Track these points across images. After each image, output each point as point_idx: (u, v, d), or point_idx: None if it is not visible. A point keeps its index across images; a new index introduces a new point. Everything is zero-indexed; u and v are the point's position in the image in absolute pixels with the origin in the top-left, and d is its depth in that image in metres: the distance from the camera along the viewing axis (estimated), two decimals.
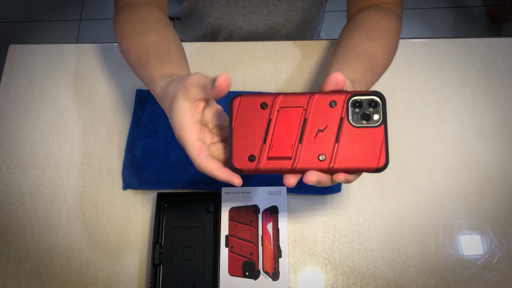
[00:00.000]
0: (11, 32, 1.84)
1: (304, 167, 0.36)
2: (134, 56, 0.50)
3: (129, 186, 0.63)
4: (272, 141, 0.36)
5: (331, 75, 0.36)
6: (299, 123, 0.36)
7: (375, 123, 0.36)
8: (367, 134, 0.35)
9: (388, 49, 0.54)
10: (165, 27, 0.52)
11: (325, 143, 0.36)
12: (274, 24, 0.77)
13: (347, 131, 0.36)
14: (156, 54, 0.47)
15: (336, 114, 0.36)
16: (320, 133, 0.36)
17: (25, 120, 0.69)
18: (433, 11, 1.76)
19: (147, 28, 0.51)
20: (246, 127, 0.36)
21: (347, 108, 0.36)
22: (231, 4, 0.73)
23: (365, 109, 0.36)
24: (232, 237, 0.57)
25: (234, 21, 0.76)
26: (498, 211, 0.62)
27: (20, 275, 0.60)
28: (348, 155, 0.35)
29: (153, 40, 0.49)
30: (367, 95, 0.36)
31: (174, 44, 0.50)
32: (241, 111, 0.37)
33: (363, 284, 0.58)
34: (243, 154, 0.36)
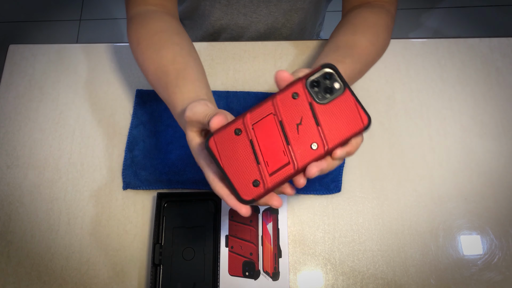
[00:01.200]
0: (11, 32, 1.84)
1: (305, 163, 0.36)
2: (154, 77, 0.51)
3: (129, 186, 0.63)
4: (264, 158, 0.36)
5: (276, 76, 0.37)
6: (278, 129, 0.36)
7: (339, 91, 0.36)
8: (339, 104, 0.36)
9: (375, 41, 0.54)
10: (179, 38, 0.53)
11: (309, 132, 0.36)
12: (274, 23, 0.77)
13: (321, 111, 0.36)
14: (174, 76, 0.48)
15: (303, 103, 0.36)
16: (300, 126, 0.36)
17: (25, 120, 0.69)
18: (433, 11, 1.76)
19: (162, 43, 0.52)
20: (234, 160, 0.36)
21: (309, 92, 0.36)
22: (232, 4, 0.73)
23: (324, 84, 0.36)
24: (232, 237, 0.57)
25: (235, 21, 0.76)
26: (498, 211, 0.62)
27: (20, 275, 0.60)
28: (335, 130, 0.36)
29: (170, 57, 0.50)
30: (318, 71, 0.36)
31: (190, 57, 0.51)
32: (221, 148, 0.36)
33: (363, 284, 0.58)
34: (246, 185, 0.36)
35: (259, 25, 0.77)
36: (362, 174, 0.64)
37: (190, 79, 0.48)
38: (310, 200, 0.63)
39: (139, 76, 0.72)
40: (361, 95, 0.69)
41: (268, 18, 0.75)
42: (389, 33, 0.58)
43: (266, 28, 0.78)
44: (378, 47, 0.55)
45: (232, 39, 0.82)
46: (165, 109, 0.69)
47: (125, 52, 0.74)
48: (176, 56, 0.50)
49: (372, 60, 0.55)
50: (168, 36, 0.53)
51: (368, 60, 0.54)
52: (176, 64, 0.49)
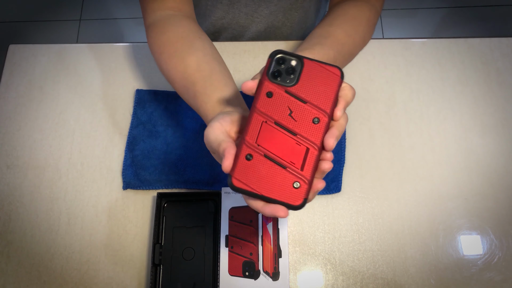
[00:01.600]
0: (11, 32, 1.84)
1: (320, 138, 0.36)
2: (182, 87, 0.51)
3: (129, 186, 0.63)
4: (287, 160, 0.36)
5: (243, 89, 0.38)
6: (278, 129, 0.36)
7: (298, 65, 0.37)
8: (307, 75, 0.37)
9: (352, 33, 0.54)
10: (201, 42, 0.53)
11: (304, 113, 0.36)
12: (275, 22, 0.77)
13: (299, 90, 0.36)
14: (201, 84, 0.49)
15: (280, 95, 0.37)
16: (292, 114, 0.36)
17: (25, 120, 0.69)
18: (433, 11, 1.76)
19: (185, 50, 0.52)
20: (264, 180, 0.36)
21: (277, 83, 0.37)
22: (233, 3, 0.73)
23: (283, 69, 0.37)
24: (232, 237, 0.57)
25: (236, 20, 0.76)
26: (498, 211, 0.62)
27: (20, 275, 0.60)
28: (321, 96, 0.36)
29: (194, 65, 0.50)
30: (270, 63, 0.37)
31: (214, 61, 0.51)
32: (246, 180, 0.36)
33: (363, 284, 0.58)
34: (290, 192, 0.36)
35: (260, 25, 0.77)
36: (362, 174, 0.64)
37: (218, 85, 0.48)
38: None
39: (139, 76, 0.72)
40: (361, 95, 0.69)
41: (269, 17, 0.75)
42: (369, 27, 0.58)
43: (267, 27, 0.78)
44: (356, 39, 0.55)
45: (233, 38, 0.82)
46: (165, 109, 0.69)
47: (125, 52, 0.74)
48: (200, 63, 0.50)
49: (349, 51, 0.55)
50: (190, 42, 0.53)
51: (343, 50, 0.53)
52: (202, 72, 0.49)
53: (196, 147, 0.66)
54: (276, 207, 0.35)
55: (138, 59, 0.73)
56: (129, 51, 0.74)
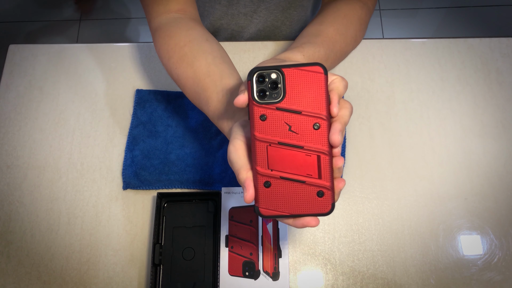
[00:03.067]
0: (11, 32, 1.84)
1: (327, 141, 0.36)
2: (193, 93, 0.51)
3: (129, 186, 0.63)
4: (303, 174, 0.36)
5: (236, 104, 0.37)
6: (284, 148, 0.36)
7: (280, 76, 0.36)
8: (292, 83, 0.36)
9: (343, 31, 0.54)
10: (209, 45, 0.53)
11: (302, 124, 0.36)
12: (274, 22, 0.77)
13: (289, 102, 0.36)
14: (213, 90, 0.48)
15: (273, 114, 0.36)
16: (292, 128, 0.36)
17: (25, 120, 0.69)
18: (433, 11, 1.76)
19: (193, 54, 0.51)
20: (289, 200, 0.36)
21: (266, 103, 0.36)
22: (232, 4, 0.73)
23: (267, 87, 0.36)
24: (232, 237, 0.57)
25: (235, 21, 0.76)
26: (498, 211, 0.62)
27: (20, 275, 0.60)
28: (313, 100, 0.36)
29: (204, 69, 0.50)
30: (251, 84, 0.36)
31: (223, 64, 0.51)
32: (273, 206, 0.37)
33: (363, 284, 0.58)
34: (317, 203, 0.36)
35: (259, 24, 0.77)
36: (362, 174, 0.64)
37: (228, 89, 0.48)
38: None
39: (139, 76, 0.72)
40: (361, 95, 0.69)
41: (268, 17, 0.75)
42: (361, 25, 0.57)
43: (266, 26, 0.78)
44: (347, 37, 0.54)
45: (232, 38, 0.82)
46: (165, 109, 0.69)
47: (125, 52, 0.74)
48: (210, 67, 0.50)
49: (340, 49, 0.54)
50: (198, 45, 0.52)
51: (335, 48, 0.53)
52: (212, 76, 0.49)
53: (196, 147, 0.66)
54: (306, 219, 0.36)
55: (138, 59, 0.73)
56: (129, 51, 0.74)
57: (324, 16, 0.56)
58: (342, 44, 0.54)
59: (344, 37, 0.54)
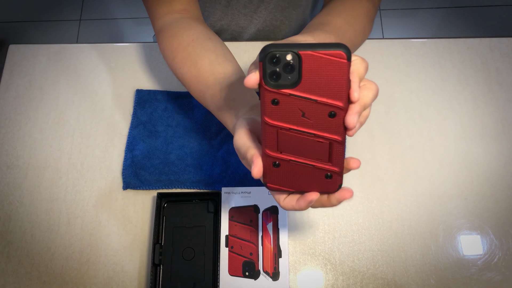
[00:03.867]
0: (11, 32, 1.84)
1: (341, 132, 0.34)
2: (197, 92, 0.51)
3: (129, 186, 0.63)
4: (313, 158, 0.35)
5: (245, 85, 0.34)
6: (296, 134, 0.34)
7: (296, 59, 0.32)
8: (309, 68, 0.32)
9: (352, 22, 0.52)
10: (212, 43, 0.53)
11: (317, 111, 0.33)
12: (273, 21, 0.77)
13: (304, 88, 0.32)
14: (218, 88, 0.48)
15: (286, 99, 0.33)
16: (306, 114, 0.34)
17: (25, 120, 0.69)
18: (433, 11, 1.76)
19: (197, 53, 0.51)
20: (298, 179, 0.36)
21: (279, 87, 0.32)
22: (232, 5, 0.73)
23: (281, 70, 0.32)
24: (232, 237, 0.57)
25: (235, 21, 0.76)
26: (498, 211, 0.62)
27: (20, 275, 0.60)
28: (332, 87, 0.32)
29: (207, 67, 0.50)
30: (263, 66, 0.32)
31: (226, 62, 0.51)
32: (280, 182, 0.37)
33: (363, 284, 0.58)
34: (325, 183, 0.36)
35: (259, 24, 0.77)
36: (362, 174, 0.64)
37: (232, 87, 0.48)
38: None
39: (139, 76, 0.72)
40: None
41: (267, 16, 0.76)
42: (368, 19, 0.56)
43: (265, 26, 0.78)
44: (356, 29, 0.53)
45: (233, 39, 0.82)
46: (165, 109, 0.69)
47: (125, 52, 0.74)
48: (213, 65, 0.50)
49: (350, 39, 0.52)
50: (201, 44, 0.52)
51: (345, 37, 0.51)
52: (216, 74, 0.49)
53: (196, 147, 0.66)
54: (308, 194, 0.36)
55: (138, 59, 0.73)
56: (129, 51, 0.74)
57: (331, 7, 0.55)
58: (351, 35, 0.52)
59: (353, 27, 0.52)
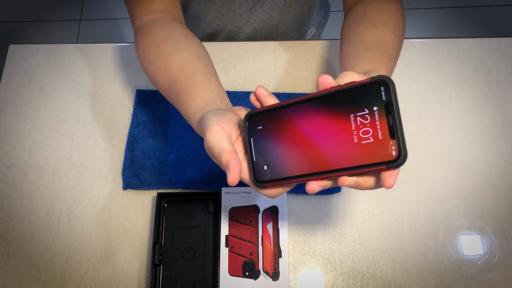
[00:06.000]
0: (11, 32, 1.84)
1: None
2: (165, 86, 0.50)
3: (129, 186, 0.63)
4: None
5: (319, 79, 0.35)
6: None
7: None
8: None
9: (398, 31, 0.51)
10: (187, 42, 0.52)
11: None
12: (270, 20, 0.77)
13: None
14: (184, 83, 0.47)
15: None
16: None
17: (25, 120, 0.69)
18: (433, 11, 1.76)
19: (169, 50, 0.50)
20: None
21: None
22: (227, 5, 0.72)
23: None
24: (232, 237, 0.57)
25: (231, 21, 0.76)
26: (498, 211, 0.62)
27: (20, 275, 0.60)
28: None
29: (178, 63, 0.49)
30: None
31: (198, 60, 0.50)
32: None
33: (363, 284, 0.58)
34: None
35: (255, 24, 0.77)
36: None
37: (199, 84, 0.47)
38: (310, 200, 0.63)
39: (139, 76, 0.72)
40: None
41: (264, 16, 0.75)
42: (404, 20, 0.55)
43: (262, 25, 0.78)
44: (401, 37, 0.52)
45: (229, 39, 0.82)
46: (165, 109, 0.69)
47: (125, 52, 0.74)
48: (184, 62, 0.49)
49: (399, 53, 0.52)
50: (175, 42, 0.51)
51: (398, 53, 0.51)
52: (184, 70, 0.48)
53: (196, 147, 0.66)
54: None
55: (138, 59, 0.73)
56: (129, 51, 0.74)
57: (373, 18, 0.52)
58: (400, 45, 0.52)
59: (399, 37, 0.51)
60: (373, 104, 0.32)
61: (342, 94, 0.33)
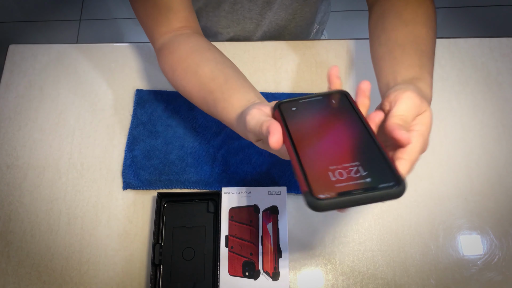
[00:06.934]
0: (11, 32, 1.84)
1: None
2: (200, 99, 0.50)
3: (129, 186, 0.63)
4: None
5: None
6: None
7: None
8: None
9: (430, 23, 0.49)
10: (211, 53, 0.52)
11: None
12: (278, 21, 0.77)
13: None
14: (219, 91, 0.48)
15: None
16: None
17: (25, 120, 0.69)
18: None
19: (196, 63, 0.51)
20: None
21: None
22: (236, 10, 0.72)
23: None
24: (232, 237, 0.57)
25: (241, 26, 0.76)
26: (498, 211, 0.62)
27: (20, 275, 0.60)
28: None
29: (208, 74, 0.49)
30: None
31: (227, 68, 0.50)
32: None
33: (363, 284, 0.58)
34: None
35: (265, 26, 0.77)
36: None
37: (235, 88, 0.47)
38: None
39: (139, 76, 0.72)
40: None
41: (273, 17, 0.75)
42: (434, 8, 0.52)
43: (271, 27, 0.78)
44: (434, 27, 0.50)
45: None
46: (165, 109, 0.69)
47: (125, 52, 0.74)
48: (214, 72, 0.49)
49: (434, 47, 0.49)
50: (200, 54, 0.52)
51: (434, 49, 0.49)
52: (217, 79, 0.48)
53: (196, 147, 0.66)
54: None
55: (138, 59, 0.73)
56: (129, 51, 0.74)
57: (402, 14, 0.49)
58: (434, 37, 0.49)
59: (433, 29, 0.49)
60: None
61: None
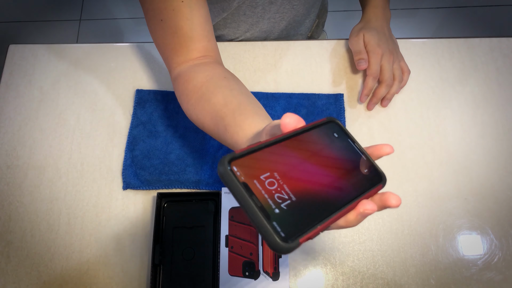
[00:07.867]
0: (11, 32, 1.84)
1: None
2: (211, 125, 0.49)
3: (129, 186, 0.63)
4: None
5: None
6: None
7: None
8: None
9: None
10: (226, 81, 0.51)
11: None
12: (295, 17, 0.77)
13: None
14: (231, 116, 0.46)
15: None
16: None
17: (25, 120, 0.69)
18: (433, 11, 1.76)
19: (210, 91, 0.50)
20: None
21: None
22: (256, 13, 0.72)
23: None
24: (232, 237, 0.57)
25: (259, 27, 0.76)
26: (498, 211, 0.62)
27: (20, 275, 0.60)
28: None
29: (221, 101, 0.48)
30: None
31: (241, 95, 0.49)
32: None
33: (363, 284, 0.58)
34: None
35: (282, 23, 0.77)
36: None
37: (247, 114, 0.45)
38: None
39: (139, 76, 0.72)
40: None
41: (290, 13, 0.75)
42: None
43: (288, 23, 0.78)
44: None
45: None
46: (165, 109, 0.69)
47: (125, 52, 0.74)
48: (227, 98, 0.48)
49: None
50: (215, 82, 0.51)
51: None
52: (229, 105, 0.47)
53: (196, 147, 0.66)
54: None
55: (138, 59, 0.73)
56: (129, 51, 0.74)
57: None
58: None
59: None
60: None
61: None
